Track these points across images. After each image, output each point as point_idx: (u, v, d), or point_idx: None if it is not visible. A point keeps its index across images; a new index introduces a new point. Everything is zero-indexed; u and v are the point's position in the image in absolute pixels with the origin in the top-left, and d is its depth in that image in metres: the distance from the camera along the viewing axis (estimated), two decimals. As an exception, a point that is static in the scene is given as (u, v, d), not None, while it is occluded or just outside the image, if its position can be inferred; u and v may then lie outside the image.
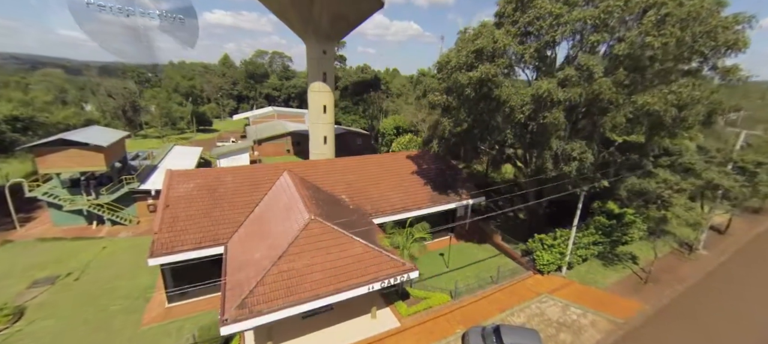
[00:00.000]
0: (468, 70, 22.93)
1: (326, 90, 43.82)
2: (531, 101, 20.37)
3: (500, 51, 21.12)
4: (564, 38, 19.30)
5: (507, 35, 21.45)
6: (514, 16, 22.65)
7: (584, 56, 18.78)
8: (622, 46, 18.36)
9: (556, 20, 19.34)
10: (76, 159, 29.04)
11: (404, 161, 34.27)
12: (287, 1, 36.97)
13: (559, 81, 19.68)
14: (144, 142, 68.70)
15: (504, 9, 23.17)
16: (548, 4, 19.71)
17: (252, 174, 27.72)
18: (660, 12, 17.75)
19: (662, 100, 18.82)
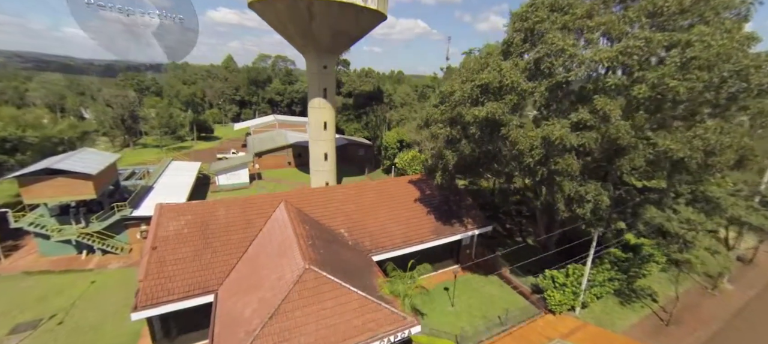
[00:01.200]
0: (473, 104, 21.36)
1: (327, 106, 42.34)
2: (541, 144, 18.67)
3: (508, 87, 19.44)
4: (578, 79, 17.50)
5: (515, 69, 19.77)
6: (522, 48, 20.94)
7: (600, 99, 17.06)
8: (642, 88, 16.65)
9: (570, 60, 17.60)
10: (64, 188, 27.74)
11: (405, 187, 32.63)
12: (286, 17, 35.42)
13: (572, 124, 17.98)
14: (142, 152, 67.73)
15: (511, 38, 21.45)
16: (560, 40, 17.98)
17: (246, 208, 26.26)
18: (685, 54, 15.96)
19: (687, 145, 17.11)
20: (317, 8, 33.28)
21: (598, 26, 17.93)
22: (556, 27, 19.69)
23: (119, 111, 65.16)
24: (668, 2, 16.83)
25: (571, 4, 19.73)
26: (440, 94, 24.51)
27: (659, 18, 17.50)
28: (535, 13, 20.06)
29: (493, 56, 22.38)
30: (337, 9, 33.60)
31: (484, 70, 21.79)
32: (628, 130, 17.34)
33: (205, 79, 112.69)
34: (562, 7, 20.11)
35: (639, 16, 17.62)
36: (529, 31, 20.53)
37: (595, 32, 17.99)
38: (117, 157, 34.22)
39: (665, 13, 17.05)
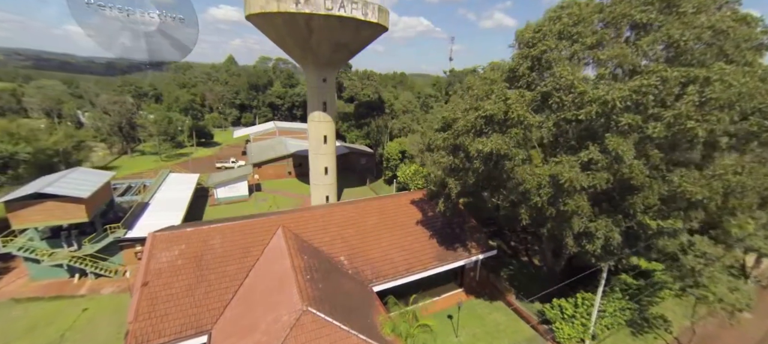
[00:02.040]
0: (476, 134, 20.31)
1: (327, 120, 41.33)
2: (549, 183, 17.59)
3: (513, 121, 18.39)
4: (589, 119, 16.39)
5: (521, 101, 18.69)
6: (529, 77, 19.85)
7: (612, 139, 15.99)
8: (657, 127, 15.62)
9: (579, 98, 16.50)
10: (55, 212, 26.88)
11: (407, 208, 31.65)
12: (284, 31, 34.35)
13: (582, 163, 16.91)
14: (140, 160, 66.83)
15: (517, 65, 20.34)
16: (569, 74, 16.89)
17: (243, 235, 25.31)
18: (704, 93, 14.87)
19: (706, 187, 16.05)
20: (316, 23, 32.22)
21: (609, 59, 16.80)
22: (565, 56, 18.60)
23: (116, 118, 64.25)
24: (685, 36, 15.72)
25: (580, 33, 18.64)
26: (443, 119, 23.42)
27: (674, 49, 16.37)
28: (543, 41, 18.95)
29: (497, 83, 21.27)
30: (337, 23, 32.54)
31: (488, 98, 20.75)
32: (642, 169, 16.30)
33: (206, 82, 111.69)
34: (570, 34, 19.03)
35: (653, 48, 16.48)
36: (535, 60, 19.41)
37: (607, 66, 16.90)
38: (111, 175, 33.28)
39: (681, 46, 15.92)
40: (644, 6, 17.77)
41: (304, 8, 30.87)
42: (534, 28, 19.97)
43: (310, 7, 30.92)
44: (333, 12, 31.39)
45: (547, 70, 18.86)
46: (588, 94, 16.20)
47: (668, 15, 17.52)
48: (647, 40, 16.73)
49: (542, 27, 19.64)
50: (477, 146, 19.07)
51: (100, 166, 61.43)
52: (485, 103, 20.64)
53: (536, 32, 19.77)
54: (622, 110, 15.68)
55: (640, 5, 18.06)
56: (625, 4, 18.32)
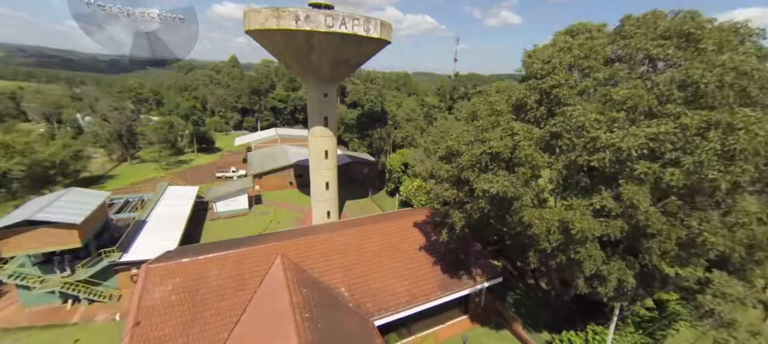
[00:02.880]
0: (482, 170, 19.32)
1: (328, 135, 40.39)
2: (559, 229, 16.56)
3: (520, 159, 17.38)
4: (602, 166, 15.31)
5: (528, 137, 17.68)
6: (537, 111, 18.79)
7: (627, 186, 14.96)
8: (675, 174, 14.56)
9: (592, 144, 15.42)
10: (47, 239, 26.12)
11: (410, 231, 30.72)
12: (284, 47, 33.39)
13: (595, 210, 15.88)
14: (140, 168, 66.11)
15: (525, 96, 19.29)
16: (580, 115, 15.84)
17: (240, 265, 24.49)
18: (727, 142, 13.78)
19: (728, 238, 14.99)
20: (317, 40, 31.21)
21: (624, 100, 15.68)
22: (575, 92, 17.52)
23: (116, 126, 63.55)
24: (706, 78, 14.59)
25: (592, 67, 17.56)
26: (447, 148, 22.39)
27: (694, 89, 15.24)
28: (552, 74, 17.87)
29: (504, 115, 20.25)
30: (339, 40, 31.52)
31: (493, 130, 19.77)
32: (659, 218, 15.26)
33: (207, 85, 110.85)
34: (581, 67, 17.97)
35: (670, 88, 15.34)
36: (544, 93, 18.35)
37: (620, 109, 15.80)
38: (106, 196, 32.52)
39: (702, 87, 14.80)
40: (661, 40, 16.70)
41: (305, 26, 29.86)
42: (543, 59, 18.88)
43: (310, 25, 29.90)
44: (334, 29, 30.37)
45: (557, 105, 17.80)
46: (601, 139, 15.13)
47: (685, 50, 16.45)
48: (664, 79, 15.62)
49: (552, 58, 18.55)
50: (483, 186, 18.09)
51: (99, 176, 60.90)
52: (491, 134, 19.68)
53: (545, 63, 18.70)
54: (637, 158, 14.62)
55: (656, 38, 17.00)
56: (640, 37, 17.25)
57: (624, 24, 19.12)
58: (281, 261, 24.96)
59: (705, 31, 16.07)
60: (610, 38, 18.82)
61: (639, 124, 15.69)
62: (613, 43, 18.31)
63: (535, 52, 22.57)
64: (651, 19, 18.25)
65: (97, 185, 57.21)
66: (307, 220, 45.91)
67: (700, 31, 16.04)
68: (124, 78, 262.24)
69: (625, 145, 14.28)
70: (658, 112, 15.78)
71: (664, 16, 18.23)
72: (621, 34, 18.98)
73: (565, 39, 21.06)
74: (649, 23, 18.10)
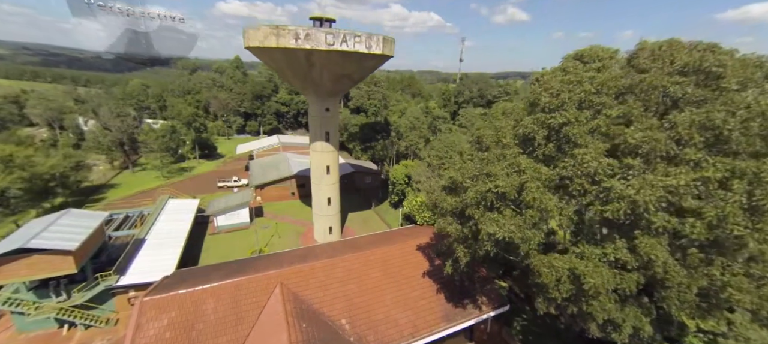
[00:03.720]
0: (487, 208, 18.37)
1: (330, 150, 39.57)
2: (569, 279, 15.59)
3: (528, 202, 16.41)
4: (616, 217, 14.28)
5: (536, 176, 16.70)
6: (546, 148, 17.77)
7: (643, 240, 13.98)
8: (696, 226, 13.58)
9: (605, 193, 14.39)
10: (41, 266, 25.62)
11: (413, 256, 29.87)
12: (284, 63, 32.55)
13: (609, 261, 14.90)
14: (142, 177, 65.70)
15: (532, 131, 18.27)
16: (592, 160, 14.84)
17: (238, 296, 23.82)
18: (754, 195, 12.76)
19: (754, 293, 14.00)
20: (317, 57, 30.35)
21: (638, 143, 14.62)
22: (586, 130, 16.46)
23: (117, 134, 63.20)
24: (729, 124, 13.53)
25: (604, 104, 16.49)
26: (450, 179, 21.47)
27: (715, 133, 14.18)
28: (561, 111, 16.84)
29: (510, 148, 19.26)
30: (339, 57, 30.63)
31: (499, 163, 18.81)
32: (678, 271, 14.27)
33: (210, 89, 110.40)
34: (593, 103, 16.90)
35: (690, 132, 14.27)
36: (553, 130, 17.31)
37: (636, 154, 14.76)
38: (103, 218, 31.94)
39: (725, 132, 13.74)
40: (679, 76, 15.60)
41: (305, 44, 28.99)
42: (552, 92, 17.82)
43: (310, 43, 29.03)
44: (334, 47, 29.48)
45: (566, 143, 16.77)
46: (615, 189, 14.11)
47: (705, 88, 15.36)
48: (683, 121, 14.54)
49: (561, 92, 17.49)
50: (488, 228, 17.16)
51: (99, 185, 60.58)
52: (497, 168, 18.73)
53: (554, 97, 17.65)
54: (655, 211, 13.60)
55: (674, 74, 15.91)
56: (657, 73, 16.16)
57: (638, 55, 18.05)
58: (280, 291, 24.22)
59: (726, 68, 14.98)
60: (623, 70, 17.73)
61: (655, 169, 14.67)
62: (626, 77, 17.21)
63: (544, 78, 21.54)
64: (667, 50, 17.14)
65: (98, 195, 56.96)
66: (309, 234, 45.18)
67: (721, 68, 14.95)
68: (128, 77, 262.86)
69: (642, 199, 13.26)
70: (676, 157, 14.75)
71: (682, 47, 17.11)
72: (635, 66, 17.91)
73: (575, 66, 20.00)
74: (665, 56, 17.01)
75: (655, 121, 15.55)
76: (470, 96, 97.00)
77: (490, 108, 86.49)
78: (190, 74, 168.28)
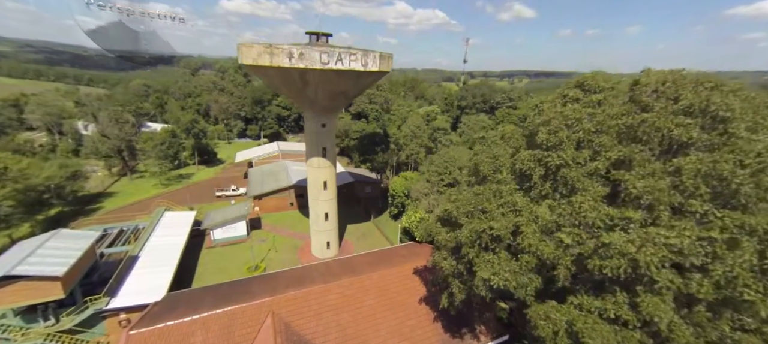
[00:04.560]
0: (483, 248, 17.58)
1: (327, 165, 38.81)
2: (567, 333, 14.76)
3: (524, 247, 15.62)
4: (616, 274, 13.39)
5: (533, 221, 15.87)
6: (542, 188, 16.92)
7: (646, 299, 13.15)
8: (704, 285, 12.78)
9: (605, 250, 13.50)
10: (27, 293, 25.18)
11: (410, 281, 29.15)
12: (279, 81, 31.82)
13: (609, 318, 14.05)
14: (140, 185, 65.29)
15: (529, 168, 17.44)
16: (590, 209, 14.02)
17: (229, 327, 23.17)
18: (766, 258, 11.87)
19: None
20: (312, 76, 29.57)
21: (640, 194, 13.70)
22: (584, 172, 15.60)
23: (115, 142, 62.77)
24: (737, 176, 12.63)
25: (604, 145, 15.58)
26: (445, 211, 20.71)
27: (724, 184, 13.26)
28: (559, 150, 15.98)
29: (507, 183, 18.43)
30: (334, 75, 29.84)
31: (494, 199, 18.01)
32: (684, 330, 13.42)
33: (211, 92, 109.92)
34: (591, 143, 16.02)
35: (697, 184, 13.34)
36: (550, 170, 16.43)
37: (637, 205, 13.85)
38: (95, 238, 31.40)
39: (733, 186, 12.82)
40: (684, 117, 14.65)
41: (298, 63, 28.20)
42: (550, 129, 16.95)
43: (304, 62, 28.23)
44: (329, 66, 28.66)
45: (564, 185, 15.90)
46: (615, 244, 13.21)
47: (712, 131, 14.42)
48: (688, 170, 13.62)
49: (559, 131, 16.60)
50: (483, 274, 16.43)
51: (97, 194, 60.17)
52: (492, 205, 17.94)
53: (552, 134, 16.78)
54: (657, 270, 12.72)
55: (679, 114, 14.97)
56: (660, 113, 15.22)
57: (641, 90, 17.07)
58: (272, 323, 23.55)
59: (734, 112, 14.01)
60: (624, 107, 16.78)
61: (659, 218, 13.77)
62: (628, 115, 16.28)
63: (543, 107, 20.80)
64: (672, 87, 16.18)
65: (94, 204, 56.55)
66: (307, 248, 44.51)
67: (729, 112, 13.98)
68: (131, 76, 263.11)
69: (643, 259, 12.38)
70: (681, 206, 13.83)
71: (687, 83, 16.12)
72: (637, 102, 16.96)
73: (575, 97, 19.16)
74: (670, 92, 16.07)
75: (658, 166, 14.64)
76: (473, 101, 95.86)
77: (494, 114, 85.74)
78: (192, 74, 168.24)
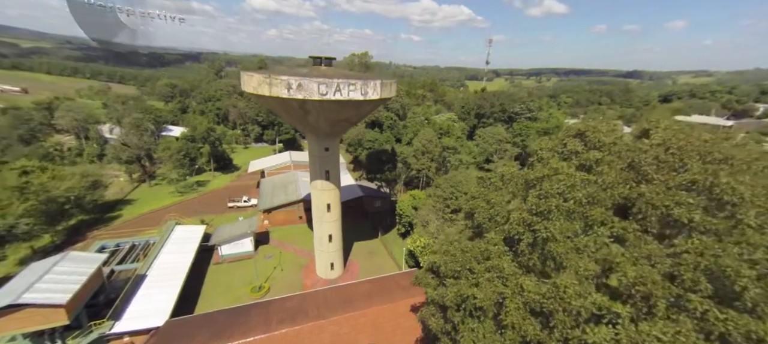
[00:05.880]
0: (467, 313, 16.66)
1: (330, 188, 38.41)
2: None
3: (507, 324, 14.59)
4: None
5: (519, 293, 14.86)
6: (529, 258, 15.85)
7: None
8: None
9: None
10: (33, 319, 26.27)
11: (405, 317, 28.52)
12: (280, 109, 31.57)
13: None
14: (158, 192, 67.19)
15: (517, 233, 16.34)
16: (576, 296, 13.02)
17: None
18: None
19: None
20: (311, 105, 29.08)
21: (632, 283, 12.32)
22: (573, 246, 14.32)
23: (135, 151, 64.98)
24: (743, 277, 11.26)
25: (596, 219, 14.23)
26: (431, 263, 19.95)
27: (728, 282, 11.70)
28: (547, 220, 14.77)
29: (496, 243, 17.37)
30: (334, 105, 29.24)
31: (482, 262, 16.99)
32: None
33: (230, 96, 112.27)
34: (583, 214, 14.66)
35: (697, 278, 11.84)
36: (538, 240, 15.21)
37: (627, 298, 12.49)
38: (101, 261, 32.45)
39: (738, 287, 11.30)
40: (686, 193, 13.10)
41: (297, 94, 27.80)
42: (540, 193, 15.71)
43: (302, 93, 27.80)
44: (328, 97, 28.08)
45: (551, 259, 14.67)
46: (621, 332, 11.96)
47: (715, 216, 12.80)
48: (687, 262, 12.20)
49: (550, 197, 15.31)
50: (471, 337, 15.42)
51: (116, 201, 62.43)
52: (480, 268, 16.95)
53: (542, 198, 15.54)
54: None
55: (680, 187, 13.42)
56: (659, 188, 13.73)
57: (640, 158, 15.44)
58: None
59: (744, 201, 12.34)
60: (621, 175, 15.29)
61: (655, 308, 12.38)
62: (624, 184, 14.82)
63: (542, 154, 19.59)
64: (677, 155, 14.48)
65: (113, 212, 58.68)
66: (312, 268, 44.41)
67: (738, 199, 12.33)
68: (160, 73, 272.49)
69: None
70: (679, 299, 12.39)
71: (692, 152, 14.35)
72: (637, 168, 15.38)
73: (574, 149, 17.79)
74: (673, 162, 14.45)
75: (654, 248, 13.20)
76: (491, 110, 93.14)
77: (511, 126, 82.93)
78: (215, 74, 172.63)
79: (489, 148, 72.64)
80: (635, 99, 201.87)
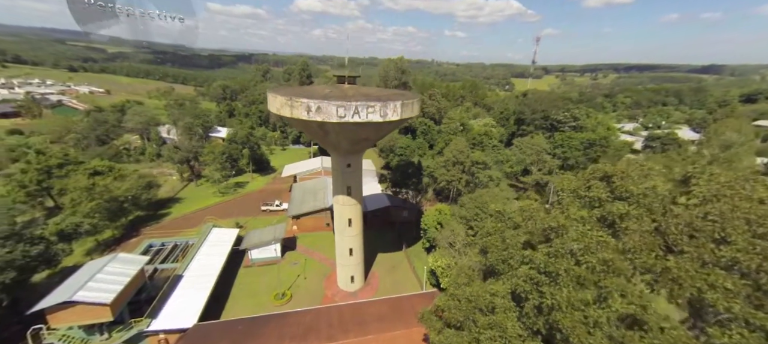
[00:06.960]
0: None
1: (352, 204, 39.00)
2: None
3: None
4: None
5: None
6: (536, 323, 14.87)
7: None
8: None
9: None
10: (84, 314, 29.72)
11: (417, 346, 28.03)
12: (302, 127, 32.56)
13: None
14: (202, 192, 72.44)
15: (524, 291, 15.40)
16: None
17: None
18: None
19: None
20: (331, 127, 29.65)
21: None
22: (582, 318, 13.23)
23: (184, 154, 70.75)
24: None
25: (610, 293, 13.03)
26: (437, 307, 19.52)
27: None
28: (553, 288, 13.78)
29: (503, 295, 16.53)
30: (353, 126, 29.54)
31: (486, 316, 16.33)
32: None
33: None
34: (595, 282, 13.48)
35: None
36: (544, 306, 14.24)
37: None
38: (144, 263, 35.73)
39: None
40: (727, 277, 11.51)
41: (316, 117, 28.52)
42: (549, 252, 14.70)
43: (322, 116, 28.46)
44: (346, 119, 28.49)
45: (557, 330, 13.67)
46: None
47: (761, 308, 11.15)
48: None
49: (560, 252, 14.28)
50: None
51: (167, 199, 68.31)
52: (483, 321, 16.29)
53: (551, 257, 14.54)
54: None
55: (717, 266, 11.87)
56: (690, 267, 12.18)
57: (669, 223, 13.86)
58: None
59: None
60: (646, 239, 13.80)
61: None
62: (648, 252, 13.38)
63: (563, 196, 18.40)
64: (718, 222, 12.76)
65: (164, 209, 64.32)
66: (333, 278, 45.42)
67: None
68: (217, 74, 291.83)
69: None
70: None
71: (736, 219, 12.61)
72: (666, 235, 13.85)
73: (597, 196, 16.45)
74: (711, 231, 12.77)
75: (681, 334, 11.78)
76: (532, 117, 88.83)
77: (553, 135, 78.45)
78: (262, 76, 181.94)
79: (527, 158, 69.40)
80: (709, 99, 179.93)
